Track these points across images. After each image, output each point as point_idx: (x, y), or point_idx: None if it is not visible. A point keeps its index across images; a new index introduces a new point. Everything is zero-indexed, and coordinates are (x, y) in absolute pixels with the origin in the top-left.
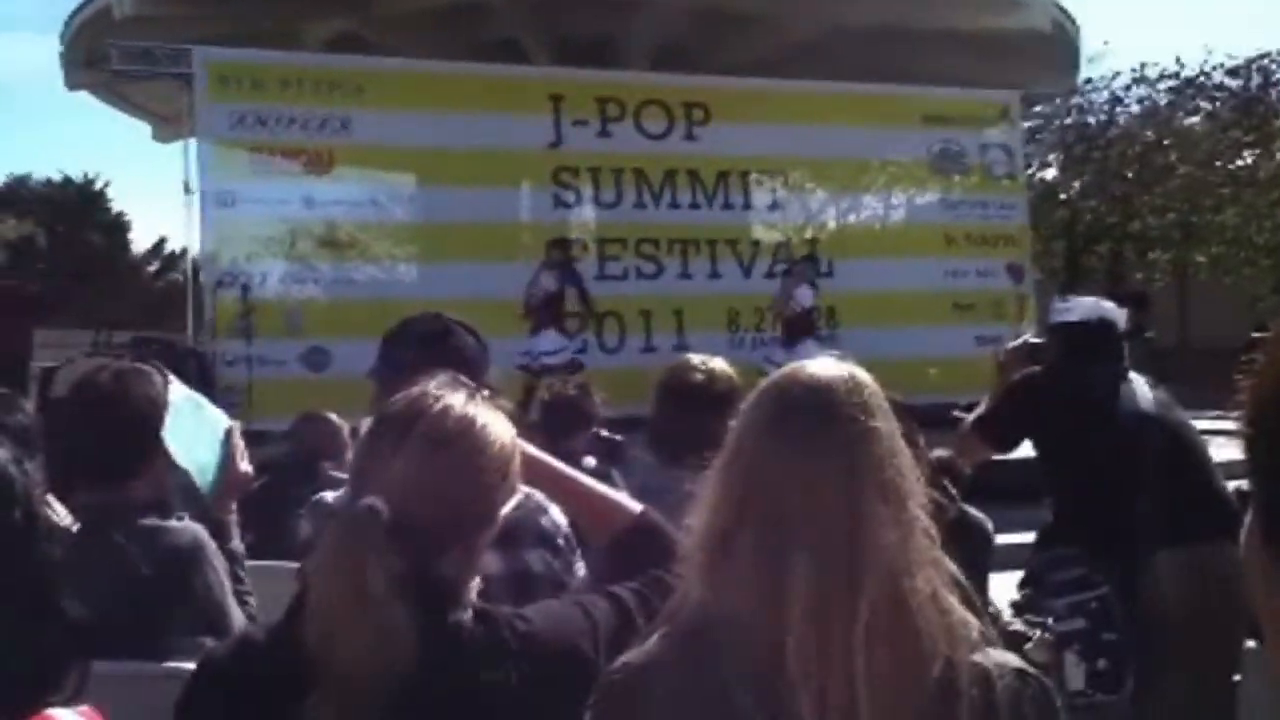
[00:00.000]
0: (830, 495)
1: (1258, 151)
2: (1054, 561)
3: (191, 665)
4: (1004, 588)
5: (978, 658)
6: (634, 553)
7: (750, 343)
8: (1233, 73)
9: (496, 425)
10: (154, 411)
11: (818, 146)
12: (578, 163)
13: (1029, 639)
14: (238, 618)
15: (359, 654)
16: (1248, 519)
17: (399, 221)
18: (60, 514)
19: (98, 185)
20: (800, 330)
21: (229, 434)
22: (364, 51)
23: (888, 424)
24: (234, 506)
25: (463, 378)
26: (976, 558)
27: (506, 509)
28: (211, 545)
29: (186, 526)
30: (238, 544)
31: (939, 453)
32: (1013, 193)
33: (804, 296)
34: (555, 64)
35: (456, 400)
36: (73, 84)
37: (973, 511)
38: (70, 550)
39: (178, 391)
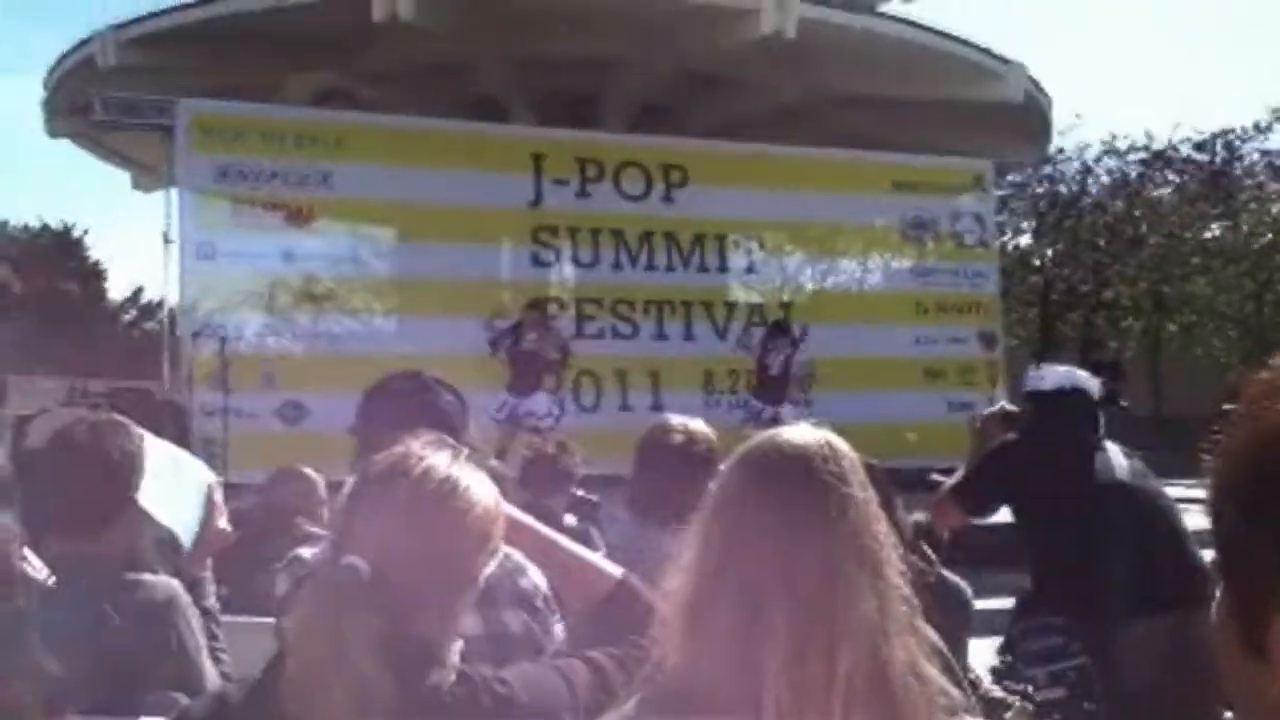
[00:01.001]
0: (808, 561)
1: (1226, 223)
2: (1033, 629)
3: None
4: (983, 653)
5: None
6: (614, 619)
7: (725, 404)
8: (1199, 146)
9: (479, 488)
10: (130, 465)
11: (792, 211)
12: (557, 222)
13: (1009, 706)
14: (212, 675)
15: (337, 713)
16: (1217, 595)
17: (378, 276)
18: (36, 566)
19: (75, 233)
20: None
21: (209, 491)
22: (348, 106)
23: (864, 491)
24: (208, 564)
25: (448, 438)
26: (955, 623)
27: (488, 571)
28: (187, 600)
29: (163, 581)
30: (212, 601)
31: (917, 517)
32: (984, 260)
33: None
34: (537, 122)
35: (440, 461)
36: (54, 131)
37: (951, 576)
38: (44, 603)
39: (157, 450)
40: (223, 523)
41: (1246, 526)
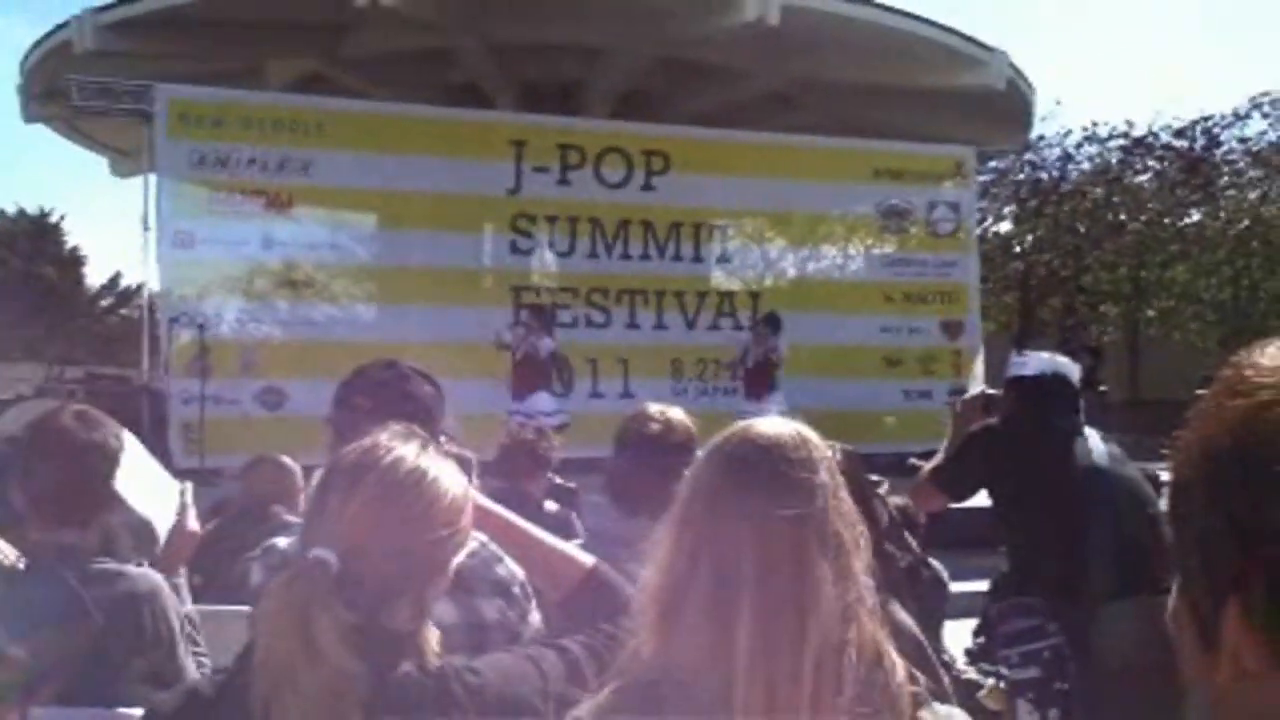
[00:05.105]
0: (778, 549)
1: (1204, 210)
2: (1007, 611)
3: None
4: (959, 634)
5: (924, 714)
6: (586, 607)
7: (692, 391)
8: (1179, 133)
9: (447, 477)
10: (108, 457)
11: (772, 199)
12: (536, 210)
13: (982, 687)
14: (191, 671)
15: (308, 707)
16: (1174, 589)
17: (357, 263)
18: (6, 552)
19: (53, 218)
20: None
21: (180, 494)
22: (328, 93)
23: (833, 479)
24: (182, 570)
25: (417, 428)
26: (932, 605)
27: (457, 560)
28: (168, 592)
29: (144, 573)
30: (190, 607)
31: (897, 501)
32: (956, 249)
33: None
34: (519, 109)
35: (408, 452)
36: (30, 117)
37: (928, 560)
38: (20, 591)
39: (132, 443)
40: (193, 524)
41: (1201, 520)
